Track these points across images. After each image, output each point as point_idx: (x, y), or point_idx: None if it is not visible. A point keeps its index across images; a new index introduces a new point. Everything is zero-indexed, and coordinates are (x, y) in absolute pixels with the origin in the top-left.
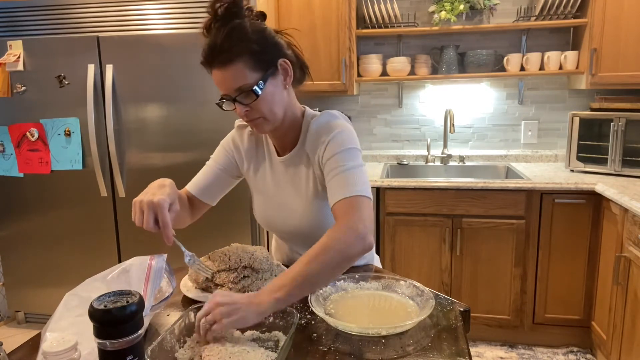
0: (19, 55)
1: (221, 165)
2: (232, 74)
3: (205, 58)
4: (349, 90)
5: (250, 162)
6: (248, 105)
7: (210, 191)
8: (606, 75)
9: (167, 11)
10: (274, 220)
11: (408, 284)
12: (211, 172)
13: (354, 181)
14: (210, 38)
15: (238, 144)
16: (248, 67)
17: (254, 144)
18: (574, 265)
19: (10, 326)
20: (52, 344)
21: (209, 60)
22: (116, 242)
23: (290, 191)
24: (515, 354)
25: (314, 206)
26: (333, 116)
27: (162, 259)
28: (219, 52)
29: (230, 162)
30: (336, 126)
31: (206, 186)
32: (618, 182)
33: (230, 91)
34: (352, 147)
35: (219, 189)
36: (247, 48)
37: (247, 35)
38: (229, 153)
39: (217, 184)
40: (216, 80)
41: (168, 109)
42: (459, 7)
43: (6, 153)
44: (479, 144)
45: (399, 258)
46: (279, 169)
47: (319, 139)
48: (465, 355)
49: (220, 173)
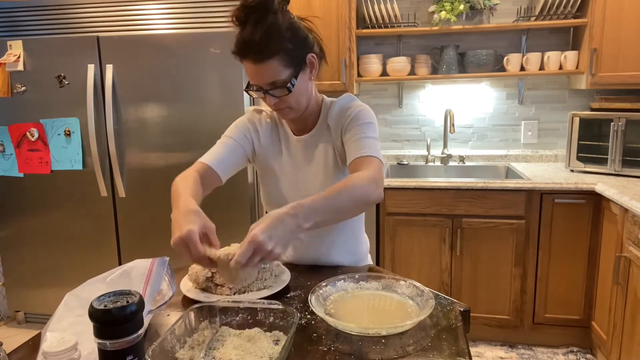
0: (19, 55)
1: (237, 140)
2: (267, 70)
3: (239, 51)
4: (349, 90)
5: (267, 141)
6: (281, 99)
7: (225, 165)
8: (606, 75)
9: (167, 11)
10: (290, 198)
11: (408, 284)
12: (227, 146)
13: (370, 146)
14: (245, 32)
15: (255, 123)
16: (282, 64)
17: (270, 125)
18: (574, 265)
19: (10, 326)
20: (52, 344)
21: (243, 53)
22: (116, 242)
23: (309, 169)
24: (515, 354)
25: (334, 181)
26: (354, 97)
27: (164, 261)
28: (256, 49)
29: (246, 138)
30: (359, 104)
31: (223, 159)
32: (618, 182)
33: (263, 84)
34: (372, 122)
35: (232, 164)
36: (282, 47)
37: (282, 34)
38: (245, 130)
39: (232, 158)
40: (249, 72)
41: (168, 109)
42: (459, 7)
43: (6, 153)
44: (479, 144)
45: (399, 258)
46: (297, 148)
47: (345, 112)
48: (465, 355)
49: (236, 147)
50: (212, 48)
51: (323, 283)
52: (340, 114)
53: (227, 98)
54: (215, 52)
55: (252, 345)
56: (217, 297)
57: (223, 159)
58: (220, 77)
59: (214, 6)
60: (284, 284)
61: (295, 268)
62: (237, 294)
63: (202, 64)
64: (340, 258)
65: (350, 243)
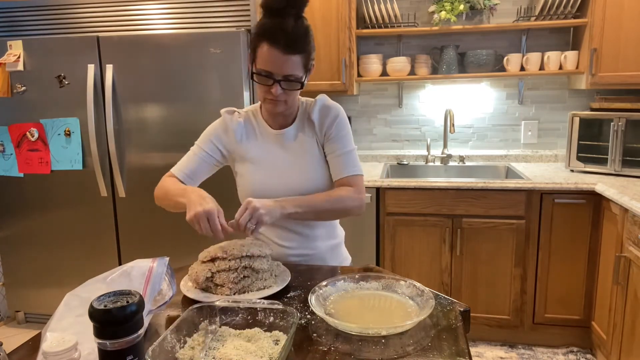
0: (19, 55)
1: (207, 150)
2: (291, 63)
3: (271, 35)
4: (349, 90)
5: (243, 135)
6: (285, 90)
7: (196, 176)
8: (606, 75)
9: (167, 11)
10: (274, 187)
11: (408, 284)
12: (197, 157)
13: (354, 162)
14: (285, 23)
15: (227, 124)
16: (302, 63)
17: (243, 123)
18: (574, 265)
19: (10, 326)
20: (52, 344)
21: (275, 38)
22: (116, 242)
23: (293, 158)
24: (515, 354)
25: (317, 166)
26: (327, 96)
27: (164, 262)
28: (291, 41)
29: (215, 146)
30: (336, 105)
31: (193, 171)
32: (618, 182)
33: (280, 74)
34: (349, 132)
35: (202, 173)
36: (307, 48)
37: (310, 39)
38: (215, 138)
39: (202, 169)
40: (269, 58)
41: (168, 109)
42: (459, 7)
43: (6, 153)
44: (479, 144)
45: (399, 258)
46: (277, 140)
47: (327, 112)
48: (465, 355)
49: (205, 157)
50: (212, 48)
51: (323, 283)
52: (323, 113)
53: (227, 98)
54: (215, 52)
55: (252, 345)
56: (217, 297)
57: (193, 171)
58: (220, 77)
59: (214, 6)
60: (284, 284)
61: (295, 268)
62: (237, 294)
63: (202, 64)
64: (319, 243)
65: (328, 227)
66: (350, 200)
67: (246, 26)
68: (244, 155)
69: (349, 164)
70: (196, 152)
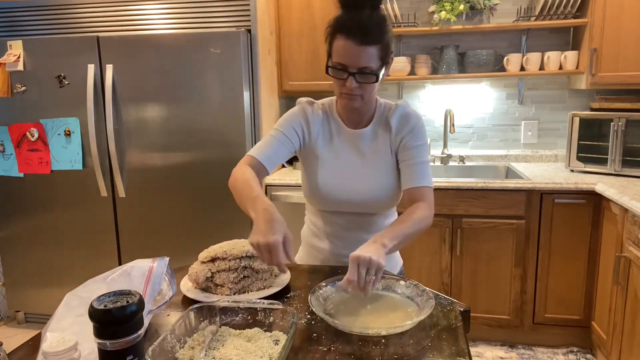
0: (19, 55)
1: (287, 134)
2: (366, 54)
3: (346, 28)
4: None
5: (319, 132)
6: (360, 84)
7: (273, 160)
8: (606, 75)
9: (167, 11)
10: (339, 187)
11: (408, 284)
12: (277, 140)
13: (428, 173)
14: (361, 14)
15: (307, 115)
16: (378, 55)
17: (321, 117)
18: (574, 265)
19: (10, 326)
20: (52, 344)
21: (350, 31)
22: (116, 242)
23: (364, 159)
24: (515, 354)
25: (387, 171)
26: (409, 104)
27: (164, 262)
28: (366, 31)
29: (296, 132)
30: (417, 114)
31: (271, 154)
32: (618, 182)
33: (355, 66)
34: (426, 142)
35: (279, 158)
36: (384, 38)
37: (388, 27)
38: (296, 124)
39: (280, 153)
40: (344, 50)
41: (168, 109)
42: (459, 7)
43: (6, 153)
44: (479, 144)
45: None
46: (351, 139)
47: (407, 119)
48: (465, 355)
49: (285, 142)
50: (212, 48)
51: (323, 283)
52: (403, 119)
53: (227, 98)
54: (215, 52)
55: (252, 345)
56: (217, 297)
57: (271, 154)
58: (220, 77)
59: (214, 6)
60: (284, 284)
61: (296, 268)
62: (237, 294)
63: (202, 64)
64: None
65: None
66: (427, 220)
67: (246, 26)
68: (316, 151)
69: (422, 174)
70: (276, 136)
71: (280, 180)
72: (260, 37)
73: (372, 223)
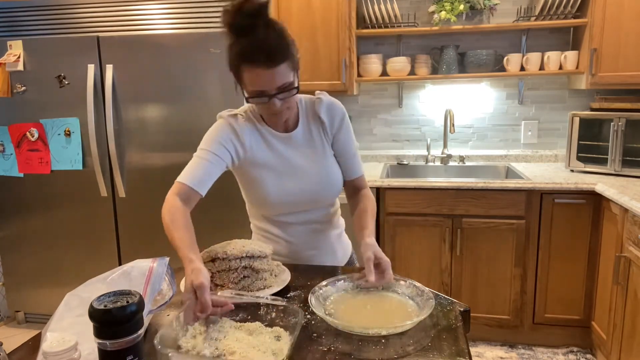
0: (19, 55)
1: (218, 154)
2: (279, 74)
3: (248, 57)
4: (349, 90)
5: (252, 142)
6: (284, 100)
7: (206, 183)
8: (606, 75)
9: (167, 11)
10: (291, 190)
11: (408, 284)
12: (208, 162)
13: (360, 161)
14: (256, 37)
15: (236, 130)
16: (289, 68)
17: (249, 127)
18: (574, 265)
19: (10, 326)
20: (52, 344)
21: (253, 58)
22: (116, 242)
23: (306, 158)
24: (515, 354)
25: (330, 164)
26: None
27: (164, 262)
28: (270, 53)
29: (227, 150)
30: (342, 105)
31: (202, 178)
32: (618, 182)
33: (272, 88)
34: (352, 129)
35: (211, 179)
36: (289, 52)
37: (287, 39)
38: (226, 141)
39: (212, 174)
40: (256, 78)
41: (168, 109)
42: (459, 7)
43: (6, 153)
44: (479, 144)
45: (399, 258)
46: (289, 143)
47: (335, 110)
48: (465, 355)
49: (216, 162)
50: (212, 48)
51: (323, 283)
52: (331, 112)
53: (227, 98)
54: (215, 52)
55: (253, 339)
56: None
57: (203, 177)
58: (220, 77)
59: (214, 6)
60: (284, 284)
61: (296, 268)
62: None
63: (202, 64)
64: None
65: (333, 218)
66: (374, 204)
67: None
68: (255, 160)
69: (359, 164)
70: (204, 157)
71: None
72: None
73: (325, 213)
